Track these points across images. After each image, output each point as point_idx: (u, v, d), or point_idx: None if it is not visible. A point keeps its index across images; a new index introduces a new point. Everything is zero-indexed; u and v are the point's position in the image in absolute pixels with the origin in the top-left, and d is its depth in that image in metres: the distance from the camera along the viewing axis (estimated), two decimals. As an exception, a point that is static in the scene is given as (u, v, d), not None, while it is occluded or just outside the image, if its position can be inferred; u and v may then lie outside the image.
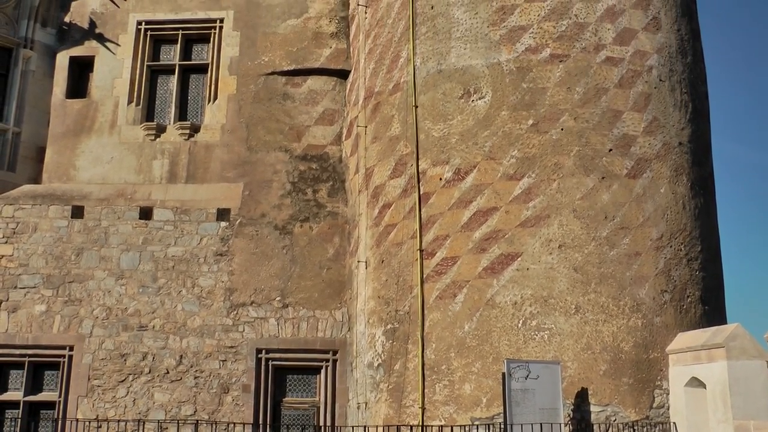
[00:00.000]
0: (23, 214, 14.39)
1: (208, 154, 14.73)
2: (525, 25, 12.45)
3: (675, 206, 12.02)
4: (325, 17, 15.22)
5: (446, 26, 12.86)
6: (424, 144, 12.54)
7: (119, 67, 15.36)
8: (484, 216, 11.77)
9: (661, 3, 13.04)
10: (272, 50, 15.10)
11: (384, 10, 13.95)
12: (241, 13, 15.43)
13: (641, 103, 12.22)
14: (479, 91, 12.30)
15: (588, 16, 12.48)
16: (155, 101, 15.46)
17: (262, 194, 14.38)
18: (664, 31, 12.89)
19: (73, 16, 15.87)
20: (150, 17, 15.67)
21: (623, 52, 12.41)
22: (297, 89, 14.92)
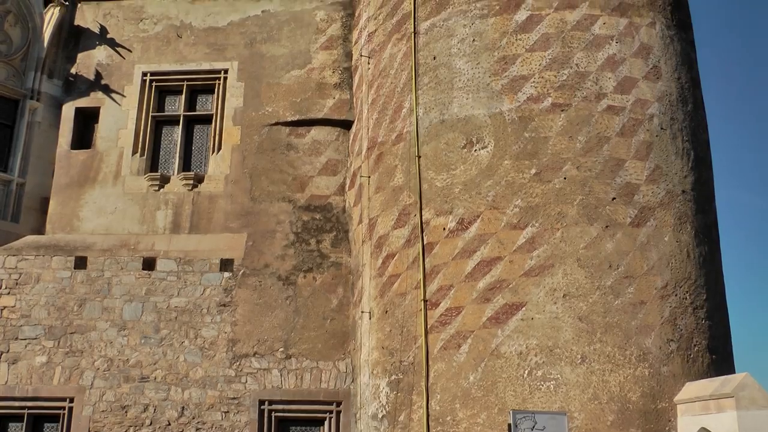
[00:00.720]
0: (26, 264, 14.38)
1: (211, 204, 14.76)
2: (526, 75, 12.56)
3: (679, 254, 11.98)
4: (329, 68, 15.39)
5: (448, 76, 12.98)
6: (427, 194, 12.56)
7: (124, 118, 15.49)
8: (488, 266, 11.73)
9: (660, 52, 13.16)
10: (276, 101, 15.24)
11: (387, 60, 14.11)
12: (245, 64, 15.61)
13: (643, 152, 12.25)
14: (482, 141, 12.36)
15: (589, 65, 12.59)
16: (159, 152, 15.55)
17: (266, 245, 14.37)
18: (665, 80, 12.99)
19: (80, 68, 16.06)
20: (155, 68, 15.85)
21: (624, 100, 12.48)
22: (301, 140, 15.01)
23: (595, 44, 12.74)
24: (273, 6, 16.02)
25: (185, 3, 16.34)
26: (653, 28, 13.24)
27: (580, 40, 12.74)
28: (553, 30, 12.78)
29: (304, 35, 15.67)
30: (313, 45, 15.58)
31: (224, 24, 16.00)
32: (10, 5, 15.62)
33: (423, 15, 13.72)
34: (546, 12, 12.92)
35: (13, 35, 15.62)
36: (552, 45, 12.68)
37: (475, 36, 13.02)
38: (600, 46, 12.75)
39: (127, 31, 16.26)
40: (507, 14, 13.00)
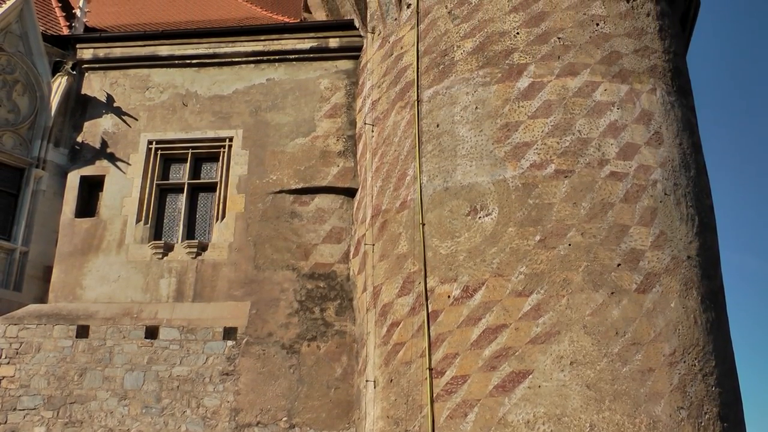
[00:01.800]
0: (27, 334, 14.27)
1: (215, 272, 14.70)
2: (529, 142, 12.64)
3: (686, 321, 11.86)
4: (333, 136, 15.49)
5: (452, 144, 13.06)
6: (431, 261, 12.51)
7: (129, 186, 15.54)
8: (493, 333, 11.61)
9: (662, 118, 13.26)
10: (280, 169, 15.30)
11: (390, 128, 14.23)
12: (249, 132, 15.73)
13: (647, 218, 12.24)
14: (486, 208, 12.37)
15: (591, 131, 12.67)
16: (163, 220, 15.55)
17: (270, 313, 14.26)
18: (667, 146, 13.05)
19: (86, 136, 16.18)
20: (161, 137, 15.96)
21: (627, 166, 12.52)
22: (305, 207, 15.02)
23: (597, 111, 12.86)
24: (278, 74, 16.21)
25: (191, 72, 16.55)
26: (654, 94, 13.38)
27: (582, 107, 12.85)
28: (555, 97, 12.91)
29: (309, 103, 15.81)
30: (317, 113, 15.71)
31: (229, 92, 16.17)
32: (18, 75, 15.84)
33: (426, 83, 13.89)
34: (548, 79, 13.08)
35: (21, 104, 15.79)
36: (554, 112, 12.79)
37: (477, 103, 13.15)
38: (602, 112, 12.86)
39: (134, 99, 16.43)
40: (509, 82, 13.15)
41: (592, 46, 13.39)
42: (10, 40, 15.84)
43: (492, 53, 13.45)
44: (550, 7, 13.68)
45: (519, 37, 13.47)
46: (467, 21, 13.89)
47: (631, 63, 13.47)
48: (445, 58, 13.83)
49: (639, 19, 14.00)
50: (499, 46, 13.46)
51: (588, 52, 13.32)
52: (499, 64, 13.31)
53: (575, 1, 13.77)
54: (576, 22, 13.57)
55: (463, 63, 13.58)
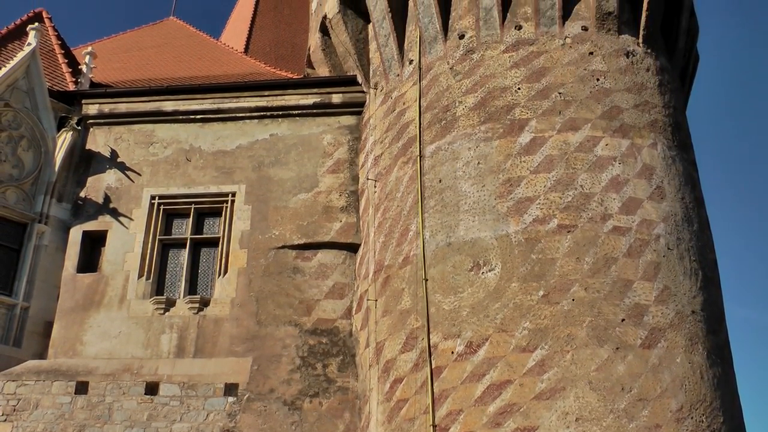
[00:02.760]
0: (26, 390, 14.11)
1: (217, 328, 14.59)
2: (532, 197, 12.66)
3: (692, 376, 11.72)
4: (335, 191, 15.51)
5: (454, 199, 13.09)
6: (434, 317, 12.43)
7: (131, 242, 15.52)
8: (497, 389, 11.48)
9: (663, 172, 13.30)
10: (283, 224, 15.29)
11: (393, 184, 14.27)
12: (252, 187, 15.76)
13: (651, 272, 12.19)
14: (489, 264, 12.33)
15: (593, 186, 12.70)
16: (165, 275, 15.49)
17: (271, 369, 14.11)
18: (669, 200, 13.06)
19: (89, 191, 16.21)
20: (163, 192, 15.99)
21: (630, 221, 12.51)
22: (307, 263, 14.97)
23: (599, 165, 12.90)
24: (281, 130, 16.31)
25: (195, 127, 16.65)
26: (655, 149, 13.44)
27: (584, 162, 12.90)
28: (557, 152, 12.97)
29: (312, 159, 15.87)
30: (320, 168, 15.76)
31: (233, 147, 16.25)
32: (24, 130, 15.96)
33: (428, 138, 13.98)
34: (549, 134, 13.15)
35: (26, 160, 15.87)
36: (556, 167, 12.84)
37: (479, 159, 13.21)
38: (603, 167, 12.90)
39: (138, 154, 16.51)
40: (511, 137, 13.23)
41: (593, 101, 13.50)
42: (17, 96, 16.00)
43: (493, 109, 13.56)
44: (550, 62, 13.83)
45: (520, 93, 13.59)
46: (469, 77, 14.05)
47: (632, 118, 13.56)
48: (447, 114, 13.94)
49: (639, 74, 14.14)
50: (501, 102, 13.57)
51: (589, 107, 13.43)
52: (501, 120, 13.41)
53: (575, 57, 13.92)
54: (576, 78, 13.70)
55: (465, 118, 13.69)
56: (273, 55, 28.16)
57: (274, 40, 30.13)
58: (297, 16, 31.86)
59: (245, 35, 29.69)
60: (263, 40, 29.77)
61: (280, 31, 30.96)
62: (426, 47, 14.89)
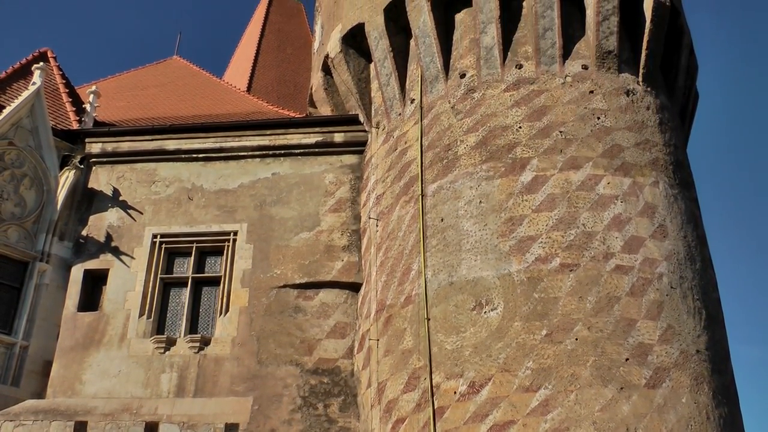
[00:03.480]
0: (24, 430, 13.93)
1: (217, 367, 14.48)
2: (534, 235, 12.63)
3: (698, 416, 11.59)
4: (337, 230, 15.48)
5: (456, 238, 13.06)
6: (437, 357, 12.34)
7: (132, 280, 15.48)
8: (501, 430, 11.36)
9: (665, 210, 13.29)
10: (284, 263, 15.25)
11: (395, 223, 14.26)
12: (254, 226, 15.73)
13: (654, 311, 12.12)
14: (491, 303, 12.27)
15: (595, 225, 12.68)
16: (166, 314, 15.42)
17: (272, 409, 13.97)
18: (671, 239, 13.03)
19: (91, 230, 16.21)
20: (165, 230, 15.98)
21: (632, 260, 12.47)
22: (309, 302, 14.90)
23: (601, 204, 12.90)
24: (283, 169, 16.35)
25: (197, 166, 16.70)
26: (656, 187, 13.45)
27: (586, 200, 12.90)
28: (559, 190, 12.98)
29: (314, 198, 15.88)
30: (322, 207, 15.76)
31: (235, 186, 16.27)
32: (26, 169, 16.01)
33: (430, 177, 14.00)
34: (551, 173, 13.17)
35: (28, 198, 15.90)
36: (558, 205, 12.84)
37: (481, 198, 13.22)
38: (605, 205, 12.90)
39: (140, 193, 16.54)
40: (513, 176, 13.25)
41: (594, 139, 13.54)
42: (21, 135, 16.08)
43: (495, 147, 13.60)
44: (551, 101, 13.90)
45: (521, 131, 13.64)
46: (470, 115, 14.11)
47: (633, 156, 13.58)
48: (448, 153, 13.98)
49: (639, 113, 14.21)
50: (502, 140, 13.62)
51: (590, 145, 13.46)
52: (503, 158, 13.44)
53: (576, 95, 13.99)
54: (577, 116, 13.76)
55: (467, 157, 13.73)
56: (275, 94, 28.38)
57: (276, 79, 30.38)
58: (299, 55, 32.18)
59: (248, 74, 29.95)
60: (266, 78, 30.02)
61: (283, 70, 31.24)
62: (427, 86, 14.98)
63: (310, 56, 20.27)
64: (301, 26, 36.01)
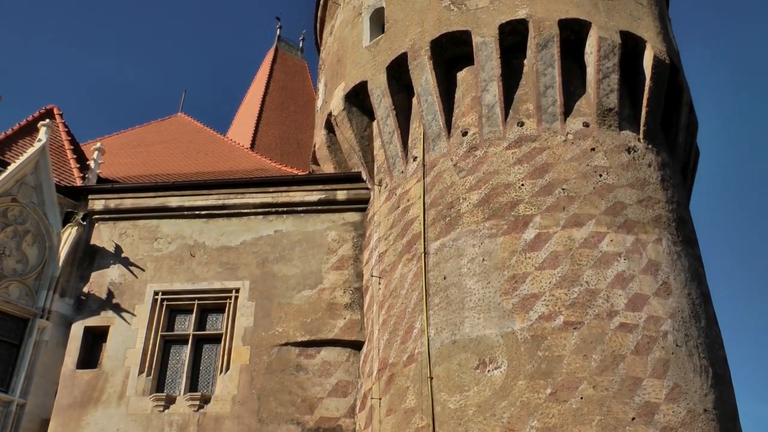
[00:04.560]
0: (20, 491, 13.71)
1: (217, 426, 14.25)
2: (537, 293, 12.56)
3: (707, 478, 11.40)
4: (339, 288, 15.42)
5: (459, 296, 12.99)
6: (440, 416, 12.15)
7: (133, 337, 15.35)
8: (506, 491, 11.15)
9: (669, 268, 13.24)
10: (286, 321, 15.15)
11: (397, 281, 14.19)
12: (256, 283, 15.68)
13: (660, 370, 11.98)
14: (495, 361, 12.14)
15: (599, 282, 12.62)
16: (167, 371, 15.25)
17: (273, 469, 13.75)
18: (675, 296, 12.96)
19: (92, 287, 16.15)
20: (167, 287, 15.92)
21: (637, 317, 12.39)
22: (310, 360, 14.75)
23: (604, 261, 12.86)
24: (285, 226, 16.35)
25: (200, 222, 16.71)
26: (660, 244, 13.42)
27: (589, 258, 12.86)
28: (562, 248, 12.95)
29: (316, 255, 15.86)
30: (324, 265, 15.72)
31: (237, 243, 16.26)
32: (29, 225, 16.02)
33: (433, 235, 13.98)
34: (553, 230, 13.16)
35: (30, 255, 15.87)
36: (561, 263, 12.80)
37: (484, 255, 13.18)
38: (609, 263, 12.86)
39: (142, 250, 16.52)
40: (515, 233, 13.24)
41: (597, 196, 13.56)
42: (24, 191, 16.13)
43: (498, 205, 13.60)
44: (553, 158, 13.96)
45: (524, 189, 13.66)
46: (472, 173, 14.15)
47: (636, 213, 13.59)
48: (451, 211, 13.98)
49: (641, 170, 14.25)
50: (505, 198, 13.63)
51: (592, 202, 13.48)
52: (505, 216, 13.44)
53: (578, 153, 14.06)
54: (579, 174, 13.80)
55: (470, 215, 13.73)
56: (279, 151, 28.56)
57: (280, 136, 30.62)
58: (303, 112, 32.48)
59: (252, 131, 30.18)
60: (269, 135, 30.25)
61: (286, 127, 31.50)
62: (430, 144, 15.07)
63: (314, 113, 20.47)
64: (305, 83, 36.43)
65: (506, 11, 15.31)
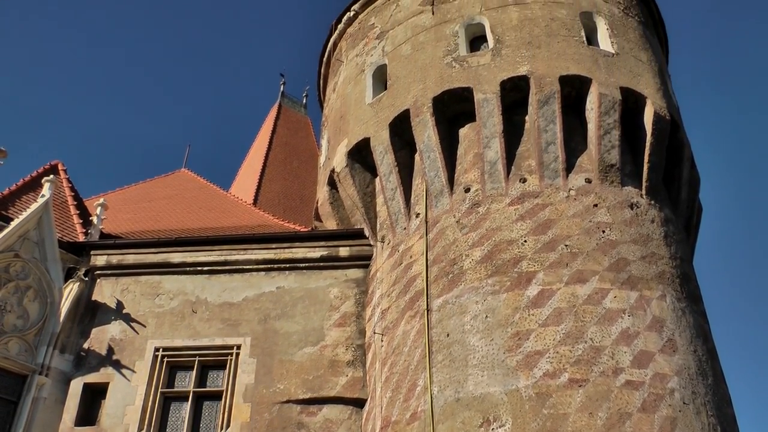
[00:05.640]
0: None
1: (217, 487, 14.02)
2: (541, 350, 12.44)
3: None
4: (342, 345, 15.28)
5: (462, 353, 12.85)
6: (444, 477, 11.93)
7: (132, 394, 15.15)
8: None
9: (674, 324, 13.13)
10: (288, 378, 14.97)
11: (400, 338, 14.07)
12: (258, 339, 15.55)
13: (667, 428, 11.80)
14: (499, 419, 11.95)
15: (603, 339, 12.51)
16: (166, 429, 14.97)
17: None
18: (681, 353, 12.82)
19: (92, 343, 16.02)
20: (168, 344, 15.78)
21: (642, 375, 12.24)
22: (312, 418, 14.52)
23: (608, 318, 12.77)
24: (288, 282, 16.30)
25: (202, 278, 16.66)
26: (664, 301, 13.35)
27: (593, 314, 12.78)
28: (565, 304, 12.87)
29: (318, 312, 15.77)
30: (326, 322, 15.62)
31: (239, 300, 16.19)
32: (31, 281, 15.96)
33: (435, 292, 13.91)
34: (557, 286, 13.09)
35: (31, 310, 15.78)
36: (565, 319, 12.71)
37: (487, 312, 13.09)
38: (613, 319, 12.76)
39: (143, 306, 16.44)
40: (518, 290, 13.16)
41: (600, 253, 13.52)
42: (27, 247, 16.11)
43: (500, 262, 13.56)
44: (556, 215, 13.96)
45: (527, 245, 13.63)
46: (475, 230, 14.14)
47: (639, 269, 13.53)
48: (454, 267, 13.93)
49: (644, 226, 14.24)
50: (508, 255, 13.59)
51: (596, 259, 13.43)
52: (508, 273, 13.38)
53: (580, 209, 14.06)
54: (582, 230, 13.78)
55: (472, 272, 13.67)
56: (281, 207, 28.65)
57: (283, 192, 30.74)
58: (306, 168, 32.67)
59: (255, 186, 30.33)
60: (272, 191, 30.38)
61: (289, 183, 31.65)
62: (432, 200, 15.10)
63: (317, 169, 20.57)
64: (308, 139, 36.73)
65: (507, 68, 15.49)
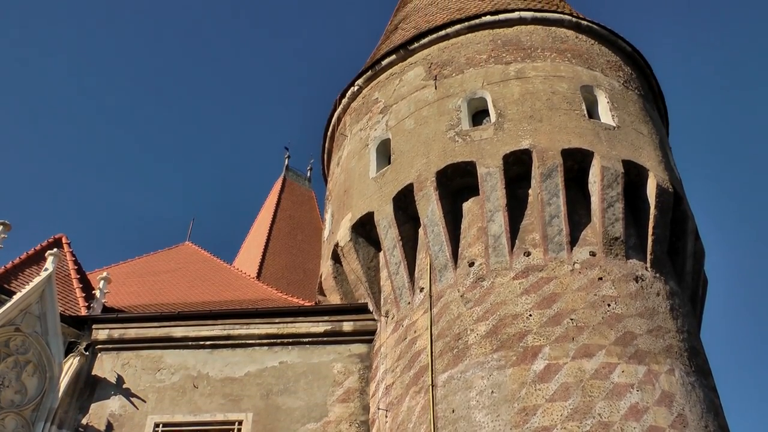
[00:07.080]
0: None
1: None
2: (549, 426, 12.22)
3: None
4: (345, 421, 15.00)
5: (468, 430, 12.60)
6: None
7: (131, 478, 14.88)
8: None
9: (684, 399, 12.91)
10: (289, 453, 14.74)
11: (405, 414, 13.84)
12: (260, 415, 15.29)
13: (682, 507, 11.50)
14: (507, 498, 11.67)
15: (612, 414, 12.29)
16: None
17: None
18: (692, 428, 12.59)
19: (91, 418, 15.78)
20: (168, 419, 15.52)
21: (653, 451, 11.99)
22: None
23: (616, 393, 12.57)
24: (291, 357, 16.12)
25: (204, 353, 16.50)
26: (673, 375, 13.16)
27: (601, 389, 12.59)
28: (572, 379, 12.69)
29: (321, 387, 15.55)
30: (329, 398, 15.40)
31: (241, 374, 15.99)
32: (31, 355, 15.79)
33: (440, 367, 13.74)
34: (563, 361, 12.93)
35: (30, 385, 15.57)
36: (572, 394, 12.51)
37: (493, 387, 12.90)
38: (621, 394, 12.56)
39: (144, 380, 16.24)
40: (524, 364, 13.00)
41: (606, 326, 13.39)
42: (28, 321, 15.99)
43: (506, 336, 13.43)
44: (560, 288, 13.88)
45: (532, 319, 13.52)
46: (480, 304, 14.05)
47: (646, 343, 13.38)
48: (459, 342, 13.79)
49: (650, 299, 14.15)
50: (513, 329, 13.47)
51: (602, 332, 13.30)
52: (514, 347, 13.23)
53: (585, 282, 14.00)
54: (587, 303, 13.69)
55: (477, 346, 13.52)
56: (285, 280, 28.62)
57: (286, 265, 30.77)
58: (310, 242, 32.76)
59: (259, 260, 30.37)
60: (276, 264, 30.41)
61: (293, 257, 31.69)
62: (436, 275, 15.04)
63: (320, 242, 20.57)
64: (312, 213, 36.92)
65: (510, 142, 15.62)
